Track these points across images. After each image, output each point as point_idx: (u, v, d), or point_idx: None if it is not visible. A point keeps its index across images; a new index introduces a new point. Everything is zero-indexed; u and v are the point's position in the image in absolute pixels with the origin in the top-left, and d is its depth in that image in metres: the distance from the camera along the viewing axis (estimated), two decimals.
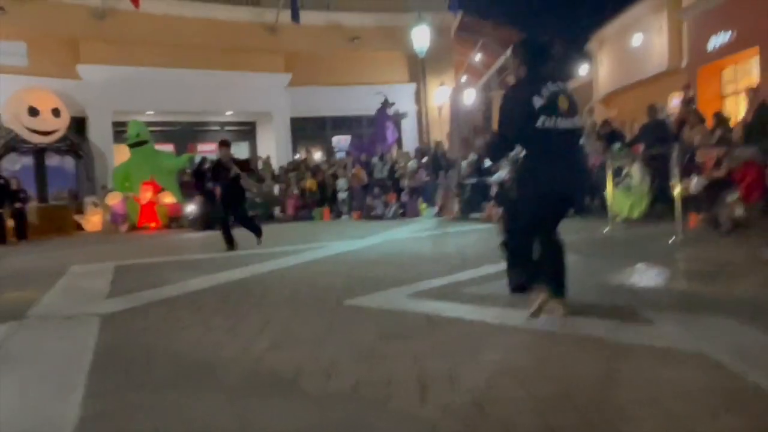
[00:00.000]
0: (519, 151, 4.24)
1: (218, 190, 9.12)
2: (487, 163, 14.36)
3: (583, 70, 27.42)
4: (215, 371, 3.34)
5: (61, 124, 15.16)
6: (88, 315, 4.99)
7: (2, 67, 14.85)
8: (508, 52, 18.65)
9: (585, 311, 4.20)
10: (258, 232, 9.55)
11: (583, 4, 39.89)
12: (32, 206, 13.91)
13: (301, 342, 3.85)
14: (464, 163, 14.54)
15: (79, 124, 16.33)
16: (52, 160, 16.07)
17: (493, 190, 13.21)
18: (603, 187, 10.56)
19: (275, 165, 17.67)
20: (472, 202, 13.53)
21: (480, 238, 9.44)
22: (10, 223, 12.63)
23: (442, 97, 19.48)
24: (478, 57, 26.39)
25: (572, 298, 4.32)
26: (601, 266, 5.96)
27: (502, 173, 13.82)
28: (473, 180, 13.69)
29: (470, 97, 22.15)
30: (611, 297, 4.66)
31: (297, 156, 19.25)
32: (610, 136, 11.54)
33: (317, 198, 15.64)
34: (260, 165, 17.34)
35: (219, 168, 9.22)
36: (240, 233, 9.53)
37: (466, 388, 2.88)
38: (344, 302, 4.97)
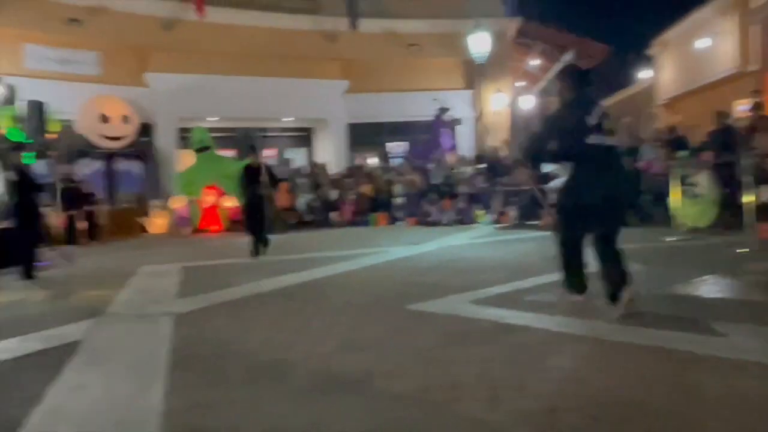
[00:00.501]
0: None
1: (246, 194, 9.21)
2: (545, 169, 14.21)
3: (644, 74, 26.75)
4: (287, 370, 3.46)
5: (130, 130, 15.80)
6: (161, 314, 5.22)
7: (77, 75, 15.63)
8: (567, 57, 18.47)
9: (654, 322, 4.15)
10: (265, 243, 9.48)
11: (645, 8, 38.90)
12: (102, 209, 14.52)
13: (368, 344, 3.93)
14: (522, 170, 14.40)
15: (146, 130, 16.98)
16: (121, 165, 16.74)
17: (552, 198, 13.04)
18: (667, 194, 10.32)
19: (332, 170, 17.90)
20: (530, 209, 13.39)
21: (539, 245, 9.34)
22: (81, 225, 13.24)
23: (499, 103, 19.36)
24: (535, 62, 26.08)
25: (641, 308, 4.29)
26: (668, 276, 5.83)
27: (561, 180, 13.65)
28: (531, 187, 13.55)
29: (528, 102, 21.92)
30: (680, 307, 4.57)
31: (353, 162, 19.47)
32: (675, 142, 11.24)
33: (373, 204, 15.78)
34: (317, 170, 17.61)
35: (249, 173, 9.25)
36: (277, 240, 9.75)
37: (535, 395, 2.90)
38: (406, 307, 5.04)
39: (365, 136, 20.66)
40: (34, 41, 15.16)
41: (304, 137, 21.12)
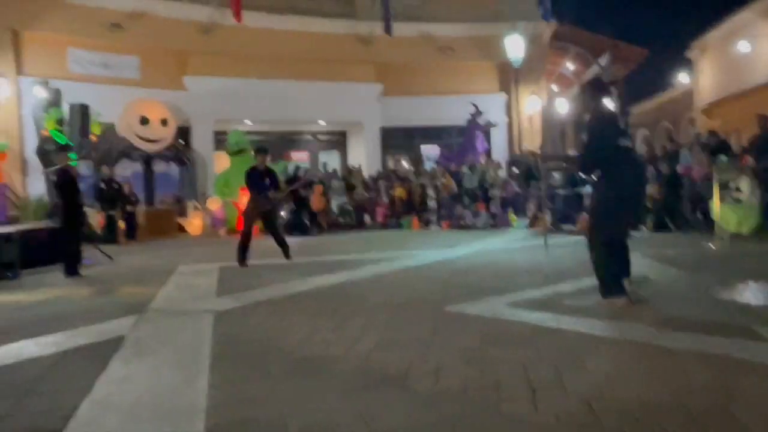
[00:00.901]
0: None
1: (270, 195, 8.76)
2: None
3: (683, 77, 26.27)
4: (327, 367, 3.50)
5: (168, 133, 16.12)
6: (202, 311, 5.32)
7: (118, 79, 16.03)
8: (603, 61, 18.28)
9: (696, 327, 4.09)
10: (284, 248, 8.99)
11: (685, 11, 38.19)
12: (140, 209, 14.83)
13: (407, 344, 3.95)
14: (556, 174, 14.28)
15: (183, 133, 17.31)
16: (159, 167, 17.12)
17: (587, 201, 12.90)
18: (707, 200, 10.12)
19: (365, 174, 17.99)
20: (565, 213, 13.26)
21: (575, 250, 9.23)
22: (121, 224, 13.55)
23: (534, 107, 19.22)
24: (570, 66, 25.83)
25: (682, 313, 4.22)
26: (710, 282, 5.73)
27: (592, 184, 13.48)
28: (566, 191, 13.43)
29: (562, 106, 21.72)
30: (724, 313, 4.49)
31: (387, 166, 19.54)
32: (716, 147, 11.02)
33: (406, 207, 15.80)
34: (351, 173, 17.72)
35: (254, 175, 8.66)
36: (311, 242, 9.76)
37: (577, 396, 2.89)
38: (444, 308, 5.04)
39: (399, 139, 20.75)
40: (77, 46, 15.59)
41: (338, 140, 21.27)
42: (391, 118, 19.41)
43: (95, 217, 13.01)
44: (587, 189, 13.44)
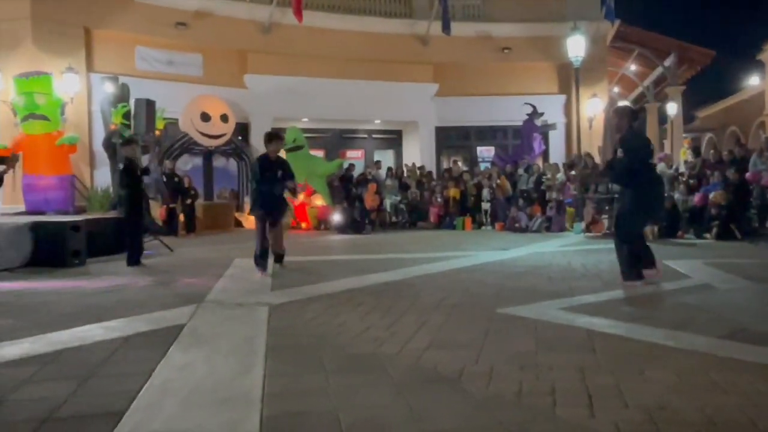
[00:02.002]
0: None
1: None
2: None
3: (753, 80, 25.20)
4: (380, 364, 3.51)
5: (228, 129, 16.48)
6: (257, 304, 5.42)
7: (182, 76, 16.50)
8: (668, 62, 17.67)
9: (764, 339, 3.91)
10: (278, 259, 7.89)
11: (757, 11, 36.55)
12: (200, 203, 15.23)
13: (460, 344, 3.92)
14: None
15: (242, 130, 17.67)
16: (218, 162, 17.55)
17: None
18: None
19: (419, 173, 17.96)
20: None
21: None
22: (181, 217, 13.96)
23: (594, 109, 18.78)
24: (632, 67, 25.13)
25: (748, 324, 4.05)
26: None
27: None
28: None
29: None
30: None
31: (441, 165, 19.47)
32: None
33: (460, 207, 15.69)
34: (405, 172, 17.72)
35: (263, 164, 7.50)
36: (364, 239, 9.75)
37: (636, 406, 2.80)
38: (497, 310, 4.98)
39: (454, 139, 20.65)
40: (144, 44, 16.13)
41: (393, 139, 21.31)
42: (446, 117, 19.34)
43: (157, 210, 13.44)
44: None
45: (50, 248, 8.32)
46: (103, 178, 14.47)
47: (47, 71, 13.46)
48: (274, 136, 7.66)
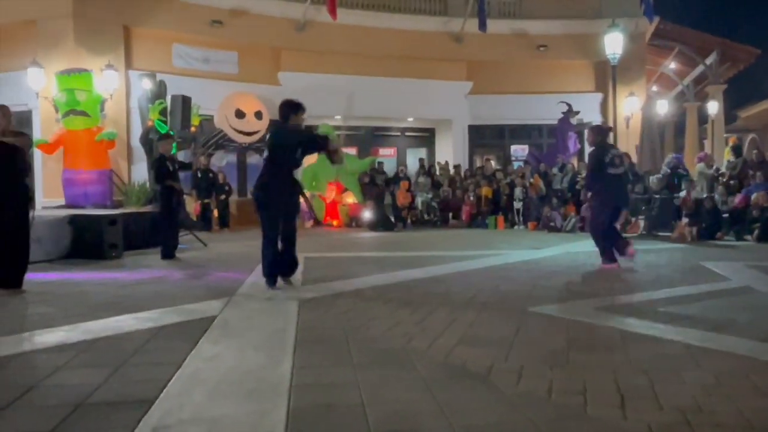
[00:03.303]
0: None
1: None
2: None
3: None
4: (409, 359, 3.48)
5: (262, 126, 16.62)
6: (287, 298, 5.45)
7: (217, 74, 16.70)
8: (709, 60, 17.25)
9: None
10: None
11: None
12: (233, 199, 15.40)
13: (490, 342, 3.87)
14: (653, 178, 13.64)
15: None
16: (252, 158, 17.69)
17: (686, 207, 12.23)
18: None
19: (452, 171, 17.86)
20: (661, 219, 12.64)
21: (671, 257, 8.80)
22: (215, 213, 14.15)
23: (631, 107, 18.41)
24: (672, 65, 24.56)
25: None
26: None
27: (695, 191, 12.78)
28: (663, 196, 12.80)
29: (662, 107, 20.68)
30: None
31: (474, 164, 19.33)
32: None
33: (492, 206, 15.55)
34: (438, 170, 17.65)
35: (279, 142, 5.90)
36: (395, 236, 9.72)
37: (671, 407, 2.72)
38: (528, 308, 4.91)
39: (487, 137, 20.47)
40: (181, 41, 16.36)
41: (425, 137, 21.24)
42: (480, 115, 19.17)
43: (191, 205, 13.63)
44: (681, 193, 12.76)
45: (88, 241, 8.52)
46: (140, 173, 14.72)
47: (88, 68, 13.75)
48: (294, 107, 5.77)
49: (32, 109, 14.43)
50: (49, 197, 13.75)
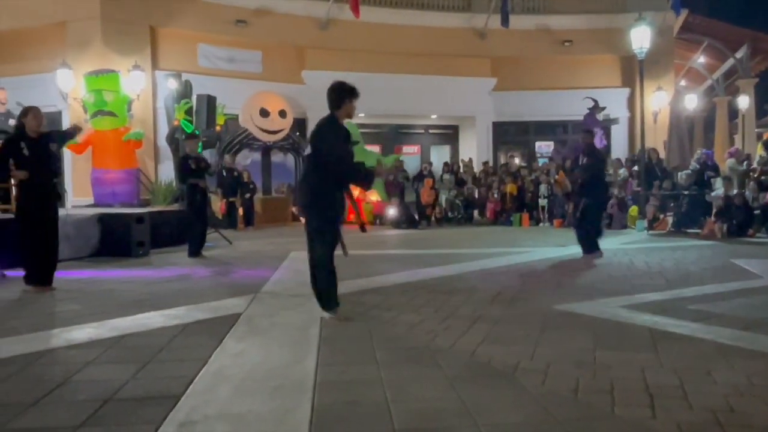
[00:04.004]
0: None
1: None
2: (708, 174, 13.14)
3: None
4: (433, 357, 3.47)
5: (286, 125, 16.69)
6: (311, 295, 5.44)
7: (242, 73, 16.83)
8: (740, 53, 16.84)
9: None
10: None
11: None
12: (258, 197, 15.51)
13: (515, 340, 3.84)
14: (682, 174, 13.40)
15: (300, 125, 17.88)
16: (276, 157, 17.80)
17: (716, 205, 12.00)
18: None
19: (476, 168, 17.76)
20: (690, 215, 12.40)
21: (701, 254, 8.63)
22: (240, 211, 14.26)
23: (659, 102, 18.11)
24: (701, 59, 24.10)
25: None
26: None
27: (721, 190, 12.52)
28: (692, 192, 12.56)
29: (691, 102, 20.30)
30: None
31: (498, 161, 19.21)
32: None
33: (517, 203, 15.42)
34: (461, 168, 17.56)
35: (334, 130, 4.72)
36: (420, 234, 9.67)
37: (701, 407, 2.67)
38: (554, 306, 4.86)
39: (511, 134, 20.32)
40: (206, 41, 16.52)
41: (449, 135, 21.16)
42: (504, 112, 19.04)
43: (217, 203, 13.76)
44: (719, 192, 12.50)
45: (116, 239, 8.64)
46: (167, 172, 14.90)
47: (115, 69, 13.95)
48: (355, 92, 4.79)
49: (62, 109, 14.69)
50: (78, 196, 14.00)
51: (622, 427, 2.51)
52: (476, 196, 16.29)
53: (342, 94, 4.73)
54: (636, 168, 14.67)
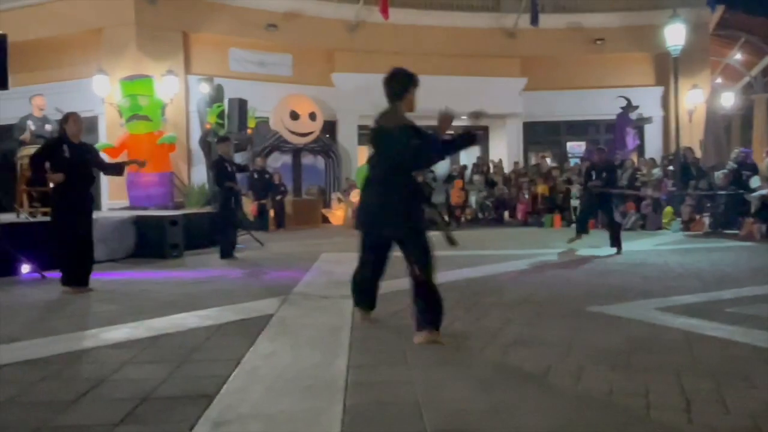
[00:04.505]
0: None
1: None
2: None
3: None
4: (464, 358, 3.47)
5: (316, 127, 16.84)
6: (342, 296, 5.48)
7: (272, 76, 17.01)
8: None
9: None
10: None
11: None
12: (289, 199, 15.65)
13: (546, 342, 3.81)
14: (719, 173, 13.10)
15: (330, 127, 18.00)
16: (307, 159, 17.94)
17: (755, 205, 11.70)
18: None
19: (507, 169, 17.63)
20: (727, 216, 12.13)
21: (738, 256, 8.43)
22: (271, 213, 14.40)
23: (695, 101, 17.74)
24: (737, 56, 23.52)
25: None
26: None
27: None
28: (729, 192, 12.28)
29: (728, 100, 19.84)
30: None
31: (529, 161, 19.04)
32: None
33: (549, 204, 15.27)
34: (491, 168, 17.45)
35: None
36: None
37: (739, 412, 2.62)
38: (587, 308, 4.81)
39: (542, 134, 20.13)
40: (237, 46, 16.74)
41: (479, 135, 21.05)
42: (535, 112, 18.87)
43: (248, 206, 13.93)
44: (763, 191, 12.17)
45: (151, 241, 8.81)
46: (200, 175, 15.15)
47: (149, 74, 14.24)
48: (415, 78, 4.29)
49: (98, 114, 15.06)
50: (114, 199, 14.32)
51: (658, 431, 2.47)
52: (507, 196, 16.16)
53: (406, 82, 4.16)
54: (671, 168, 14.41)
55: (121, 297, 5.71)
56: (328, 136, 17.79)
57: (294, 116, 16.32)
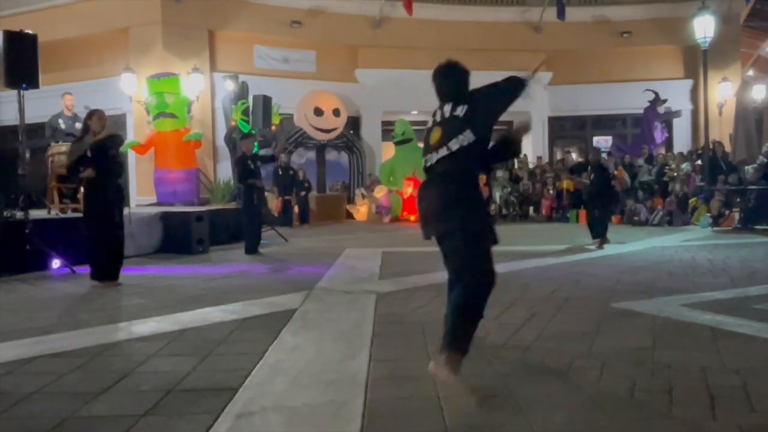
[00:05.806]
0: None
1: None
2: None
3: None
4: (486, 354, 3.46)
5: (340, 123, 16.89)
6: (365, 292, 5.52)
7: (296, 73, 17.10)
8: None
9: None
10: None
11: None
12: (313, 195, 15.73)
13: (570, 338, 3.79)
14: (749, 168, 12.85)
15: (354, 123, 18.04)
16: (331, 155, 18.01)
17: None
18: None
19: (531, 165, 17.49)
20: (758, 211, 11.88)
21: (767, 252, 8.27)
22: (295, 208, 14.50)
23: (725, 94, 17.39)
24: None
25: None
26: None
27: None
28: (760, 186, 12.02)
29: (759, 93, 19.41)
30: None
31: (554, 156, 18.86)
32: None
33: (574, 199, 15.10)
34: (516, 164, 17.33)
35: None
36: None
37: (765, 411, 2.59)
38: (611, 304, 4.77)
39: (568, 129, 19.93)
40: (262, 43, 16.85)
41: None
42: (560, 107, 18.68)
43: (273, 201, 14.04)
44: None
45: (177, 236, 8.94)
46: (225, 171, 15.30)
47: (176, 72, 14.41)
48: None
49: (126, 112, 15.29)
50: (141, 195, 14.54)
51: (681, 428, 2.45)
52: (531, 192, 16.04)
53: (467, 71, 3.51)
54: (699, 162, 14.16)
55: (148, 291, 5.82)
56: (352, 132, 17.83)
57: (318, 112, 16.38)
